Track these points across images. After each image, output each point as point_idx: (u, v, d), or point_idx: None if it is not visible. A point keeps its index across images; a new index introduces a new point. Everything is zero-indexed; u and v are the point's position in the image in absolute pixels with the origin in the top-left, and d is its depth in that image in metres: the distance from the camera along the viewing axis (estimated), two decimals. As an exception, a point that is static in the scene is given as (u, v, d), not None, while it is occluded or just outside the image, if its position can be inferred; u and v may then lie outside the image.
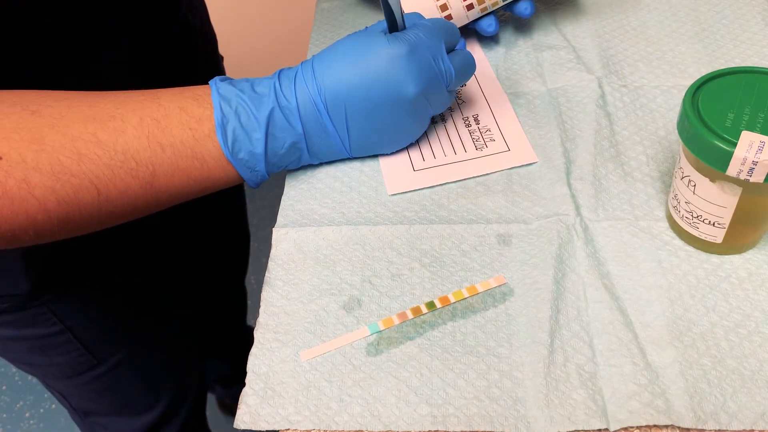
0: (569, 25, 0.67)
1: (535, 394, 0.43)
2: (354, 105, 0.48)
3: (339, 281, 0.49)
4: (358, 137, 0.51)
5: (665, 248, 0.49)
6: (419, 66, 0.49)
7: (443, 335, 0.46)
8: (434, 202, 0.53)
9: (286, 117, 0.48)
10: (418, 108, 0.51)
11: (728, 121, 0.43)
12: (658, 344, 0.44)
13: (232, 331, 1.10)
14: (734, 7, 0.68)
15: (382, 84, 0.48)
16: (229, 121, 0.47)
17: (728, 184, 0.44)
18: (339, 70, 0.48)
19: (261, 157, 0.48)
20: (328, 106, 0.48)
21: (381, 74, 0.48)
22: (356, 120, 0.50)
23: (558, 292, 0.47)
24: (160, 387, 0.80)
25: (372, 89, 0.48)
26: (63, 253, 0.61)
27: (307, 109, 0.48)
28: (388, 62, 0.48)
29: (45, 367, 0.72)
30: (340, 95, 0.48)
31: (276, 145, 0.49)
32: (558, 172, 0.54)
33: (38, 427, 1.34)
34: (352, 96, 0.48)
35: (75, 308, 0.66)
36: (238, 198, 0.93)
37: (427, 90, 0.50)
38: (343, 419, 0.42)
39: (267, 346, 0.46)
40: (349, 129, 0.50)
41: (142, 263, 0.72)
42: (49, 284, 0.62)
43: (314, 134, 0.50)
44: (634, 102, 0.60)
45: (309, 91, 0.48)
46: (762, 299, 0.46)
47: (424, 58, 0.49)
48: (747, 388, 0.42)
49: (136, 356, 0.75)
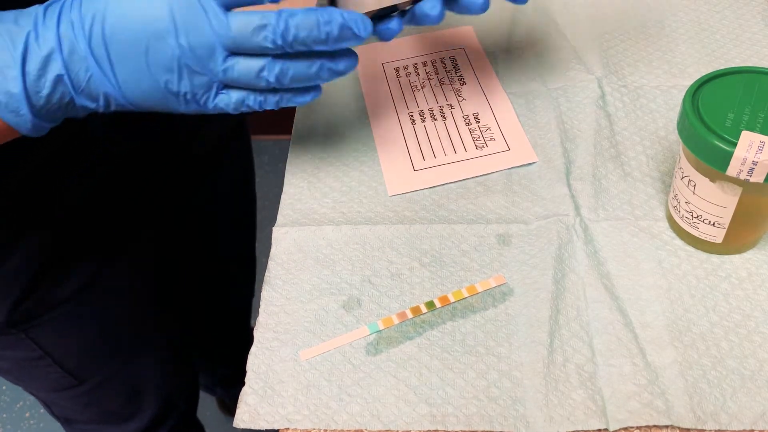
0: (569, 25, 0.67)
1: (534, 394, 0.43)
2: (115, 42, 0.42)
3: (339, 281, 0.49)
4: (123, 74, 0.43)
5: (665, 248, 0.49)
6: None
7: (443, 335, 0.46)
8: (434, 202, 0.53)
9: (41, 49, 0.41)
10: (174, 52, 0.42)
11: (728, 121, 0.43)
12: (658, 344, 0.44)
13: (235, 338, 1.09)
14: (734, 7, 0.68)
15: (137, 18, 0.41)
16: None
17: (728, 184, 0.44)
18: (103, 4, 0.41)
19: (21, 97, 0.42)
20: (90, 33, 0.41)
21: (138, 8, 0.41)
22: (119, 57, 0.42)
23: (558, 292, 0.47)
24: (144, 399, 0.79)
25: (130, 23, 0.41)
26: (37, 286, 0.60)
27: (68, 43, 0.42)
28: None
29: (27, 381, 0.71)
30: (103, 30, 0.41)
31: (36, 83, 0.42)
32: (558, 172, 0.54)
33: (38, 427, 1.34)
34: (113, 30, 0.42)
35: (54, 335, 0.65)
36: (244, 203, 0.92)
37: (184, 28, 0.42)
38: (343, 418, 0.42)
39: (267, 346, 0.46)
40: (113, 63, 0.43)
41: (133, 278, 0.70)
42: (25, 316, 0.61)
43: (79, 70, 0.42)
44: (634, 102, 0.59)
45: (72, 20, 0.42)
46: (762, 299, 0.46)
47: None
48: (747, 388, 0.42)
49: (120, 374, 0.73)
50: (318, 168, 0.56)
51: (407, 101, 0.61)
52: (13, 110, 0.42)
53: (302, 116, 0.61)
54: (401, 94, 0.62)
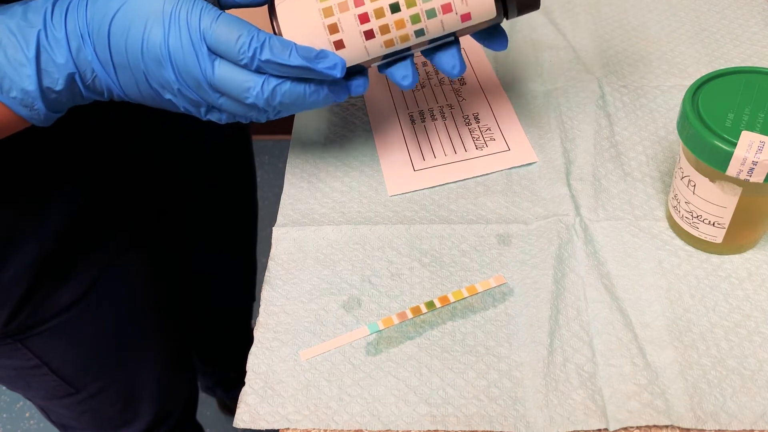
0: (569, 25, 0.67)
1: (534, 394, 0.43)
2: (115, 39, 0.43)
3: (339, 281, 0.49)
4: (124, 79, 0.45)
5: (665, 248, 0.49)
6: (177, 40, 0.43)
7: (443, 335, 0.46)
8: (434, 202, 0.53)
9: (53, 50, 0.43)
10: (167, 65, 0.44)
11: (728, 121, 0.43)
12: (658, 344, 0.44)
13: (235, 341, 1.09)
14: (734, 7, 0.68)
15: (137, 42, 0.43)
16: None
17: (728, 184, 0.44)
18: (107, 1, 0.43)
19: (36, 95, 0.43)
20: (95, 41, 0.43)
21: (138, 17, 0.42)
22: (121, 68, 0.44)
23: (558, 292, 0.47)
24: (141, 406, 0.79)
25: (131, 43, 0.43)
26: (33, 296, 0.60)
27: (76, 43, 0.43)
28: (146, 9, 0.42)
29: (23, 389, 0.71)
30: (105, 31, 0.43)
31: (50, 81, 0.43)
32: (558, 172, 0.54)
33: (38, 427, 1.34)
34: (117, 47, 0.43)
35: (51, 344, 0.64)
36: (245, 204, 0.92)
37: (174, 62, 0.43)
38: (343, 418, 0.42)
39: (267, 345, 0.46)
40: (116, 68, 0.44)
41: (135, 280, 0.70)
42: (21, 326, 0.61)
43: (86, 70, 0.44)
44: (634, 102, 0.60)
45: (78, 23, 0.43)
46: (762, 299, 0.46)
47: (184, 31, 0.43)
48: (747, 388, 0.42)
49: (117, 383, 0.73)
50: (318, 168, 0.56)
51: (407, 101, 0.61)
52: (28, 105, 0.43)
53: (302, 116, 0.61)
54: (401, 94, 0.62)
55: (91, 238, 0.61)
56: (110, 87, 0.45)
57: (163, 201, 0.70)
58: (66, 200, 0.57)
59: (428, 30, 0.45)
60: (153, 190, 0.67)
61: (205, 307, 0.95)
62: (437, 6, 0.44)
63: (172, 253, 0.78)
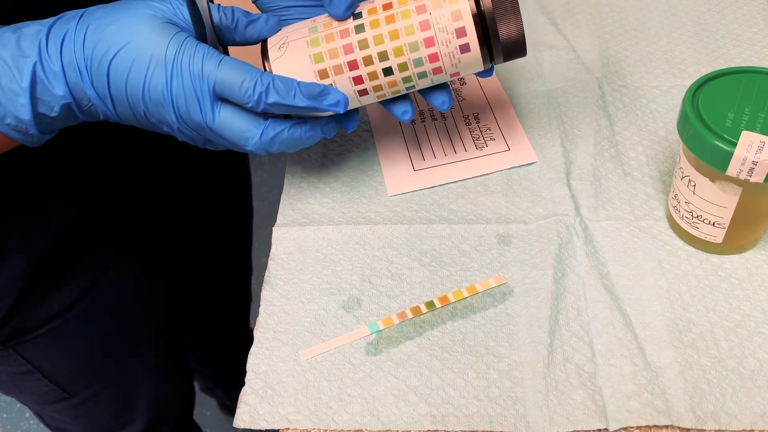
0: (569, 25, 0.67)
1: (534, 394, 0.43)
2: (114, 79, 0.44)
3: (339, 281, 0.49)
4: (122, 111, 0.45)
5: (665, 248, 0.49)
6: (179, 84, 0.44)
7: (443, 335, 0.46)
8: (434, 202, 0.53)
9: (50, 81, 0.43)
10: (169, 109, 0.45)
11: (728, 121, 0.43)
12: (658, 344, 0.44)
13: (233, 342, 1.09)
14: (734, 7, 0.68)
15: (139, 69, 0.43)
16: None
17: (728, 184, 0.44)
18: (107, 37, 0.43)
19: (31, 122, 0.43)
20: (93, 76, 0.43)
21: (141, 60, 0.43)
22: (120, 105, 0.45)
23: (558, 292, 0.47)
24: (136, 410, 0.78)
25: (132, 71, 0.43)
26: (25, 303, 0.60)
27: (73, 76, 0.43)
28: (148, 53, 0.43)
29: (16, 394, 0.71)
30: (104, 69, 0.43)
31: (45, 109, 0.44)
32: (558, 172, 0.54)
33: (38, 427, 1.34)
34: (114, 73, 0.43)
35: (43, 350, 0.64)
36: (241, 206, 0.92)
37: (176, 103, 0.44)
38: (343, 418, 0.42)
39: (266, 346, 0.46)
40: (114, 103, 0.45)
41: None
42: (13, 333, 0.61)
43: (82, 99, 0.44)
44: (633, 102, 0.60)
45: (75, 56, 0.43)
46: (762, 299, 0.46)
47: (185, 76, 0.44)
48: (747, 388, 0.42)
49: (111, 387, 0.73)
50: (318, 168, 0.56)
51: (407, 101, 0.61)
52: (22, 131, 0.44)
53: (302, 116, 0.61)
54: (401, 94, 0.62)
55: (86, 244, 0.61)
56: (107, 114, 0.45)
57: (159, 204, 0.70)
58: (61, 205, 0.57)
59: (419, 85, 0.47)
60: (149, 193, 0.67)
61: (204, 308, 0.95)
62: (428, 69, 0.46)
63: (168, 256, 0.77)
